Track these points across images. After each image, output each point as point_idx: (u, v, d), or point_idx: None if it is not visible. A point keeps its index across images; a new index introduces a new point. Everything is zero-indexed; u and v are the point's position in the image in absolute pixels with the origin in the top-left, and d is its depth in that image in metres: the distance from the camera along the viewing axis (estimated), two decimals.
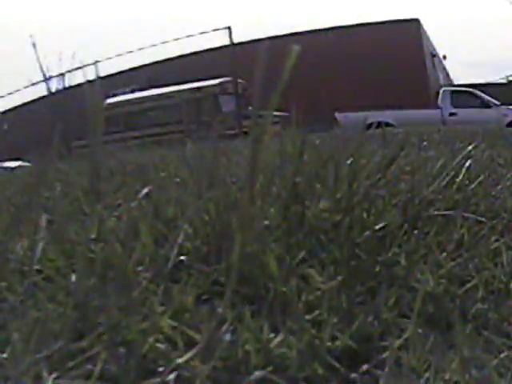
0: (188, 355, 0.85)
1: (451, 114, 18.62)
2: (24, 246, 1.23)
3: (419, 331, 0.98)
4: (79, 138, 12.12)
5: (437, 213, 1.56)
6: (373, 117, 11.06)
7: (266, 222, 1.30)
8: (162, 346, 0.89)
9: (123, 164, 3.05)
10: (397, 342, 0.93)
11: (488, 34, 62.04)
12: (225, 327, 0.89)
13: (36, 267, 1.12)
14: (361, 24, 26.44)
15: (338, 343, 0.93)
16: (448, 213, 1.55)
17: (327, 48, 25.10)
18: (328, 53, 25.03)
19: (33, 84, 21.07)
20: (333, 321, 0.97)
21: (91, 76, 1.36)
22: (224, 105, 17.66)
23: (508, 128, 9.92)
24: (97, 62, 17.17)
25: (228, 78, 17.99)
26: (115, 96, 18.95)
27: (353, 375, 0.89)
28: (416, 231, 1.41)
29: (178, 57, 27.02)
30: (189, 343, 0.89)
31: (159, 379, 0.82)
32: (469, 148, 2.21)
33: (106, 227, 1.27)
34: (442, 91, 20.04)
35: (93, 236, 1.22)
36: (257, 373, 0.85)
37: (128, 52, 20.59)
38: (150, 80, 22.74)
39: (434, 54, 28.22)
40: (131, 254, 1.12)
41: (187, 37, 20.04)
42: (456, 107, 18.88)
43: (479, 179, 1.89)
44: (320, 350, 0.90)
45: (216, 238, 1.23)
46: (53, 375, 0.80)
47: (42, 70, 19.81)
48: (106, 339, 0.87)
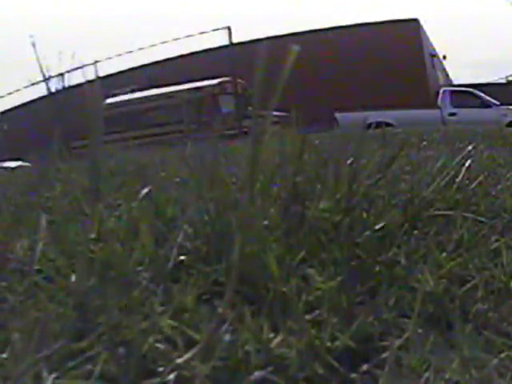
0: (188, 355, 0.85)
1: (451, 114, 18.63)
2: (24, 246, 1.23)
3: (419, 331, 0.98)
4: (79, 138, 12.11)
5: (437, 213, 1.56)
6: (372, 117, 11.08)
7: (266, 222, 1.30)
8: (162, 346, 0.89)
9: (123, 164, 3.05)
10: (397, 342, 0.93)
11: (488, 34, 62.05)
12: (225, 327, 0.89)
13: (36, 267, 1.12)
14: (361, 24, 26.43)
15: (338, 343, 0.93)
16: (448, 213, 1.55)
17: (327, 48, 25.10)
18: (328, 53, 25.03)
19: (33, 84, 21.07)
20: (333, 321, 0.97)
21: (91, 76, 1.36)
22: (224, 105, 17.65)
23: (508, 128, 9.93)
24: (96, 62, 17.17)
25: (228, 78, 17.98)
26: (115, 96, 18.94)
27: (353, 375, 0.89)
28: (416, 231, 1.41)
29: (178, 57, 27.03)
30: (189, 343, 0.89)
31: (159, 379, 0.82)
32: (469, 148, 2.21)
33: (106, 227, 1.27)
34: (442, 91, 20.04)
35: (93, 236, 1.22)
36: (257, 373, 0.85)
37: (128, 52, 20.60)
38: (150, 80, 22.74)
39: (434, 54, 28.21)
40: (131, 254, 1.12)
41: (187, 37, 20.05)
42: (456, 107, 18.89)
43: (479, 179, 1.89)
44: (320, 350, 0.90)
45: (216, 238, 1.23)
46: (53, 375, 0.80)
47: (42, 70, 19.79)
48: (106, 339, 0.87)
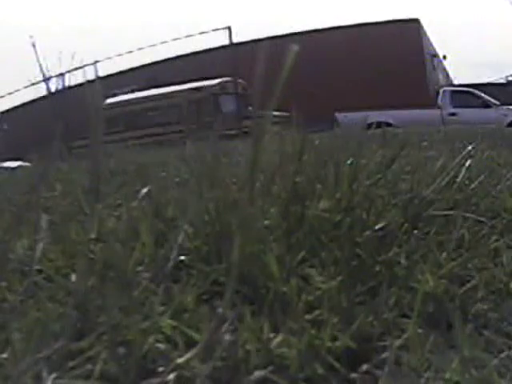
0: (188, 355, 0.85)
1: (451, 114, 18.63)
2: (24, 246, 1.23)
3: (419, 331, 0.98)
4: (79, 138, 12.11)
5: (437, 213, 1.56)
6: (373, 117, 11.07)
7: (266, 222, 1.30)
8: (162, 346, 0.89)
9: (123, 164, 3.05)
10: (397, 342, 0.93)
11: (488, 34, 62.09)
12: (225, 327, 0.89)
13: (36, 267, 1.12)
14: (361, 24, 26.43)
15: (338, 343, 0.93)
16: (448, 213, 1.55)
17: (327, 48, 25.10)
18: (328, 53, 25.03)
19: (33, 84, 21.08)
20: (333, 321, 0.97)
21: (91, 76, 1.36)
22: (224, 105, 17.64)
23: (508, 128, 9.93)
24: (97, 62, 17.17)
25: (228, 78, 17.98)
26: (115, 96, 18.94)
27: (353, 375, 0.89)
28: (416, 231, 1.41)
29: (178, 57, 27.02)
30: (189, 343, 0.89)
31: (159, 379, 0.82)
32: (469, 148, 2.21)
33: (106, 227, 1.27)
34: (442, 91, 20.04)
35: (93, 236, 1.22)
36: (257, 373, 0.85)
37: (128, 52, 20.61)
38: (150, 80, 22.74)
39: (434, 54, 28.21)
40: (131, 254, 1.12)
41: (187, 37, 20.06)
42: (456, 107, 18.89)
43: (479, 179, 1.89)
44: (320, 350, 0.90)
45: (216, 238, 1.23)
46: (53, 375, 0.80)
47: (42, 70, 19.80)
48: (106, 339, 0.87)
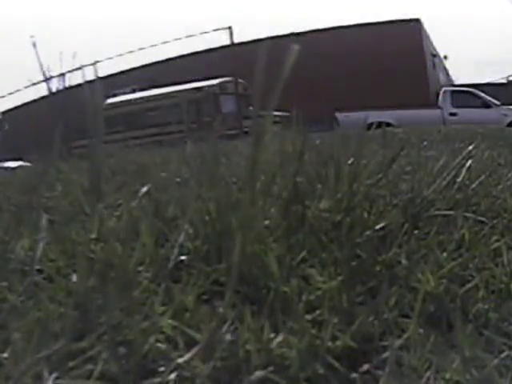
0: (188, 355, 0.85)
1: (452, 114, 18.62)
2: (25, 246, 1.23)
3: (420, 331, 0.98)
4: (80, 138, 12.12)
5: (437, 213, 1.56)
6: (373, 117, 11.05)
7: (267, 222, 1.30)
8: (163, 346, 0.89)
9: (124, 164, 3.05)
10: (397, 342, 0.93)
11: (489, 34, 62.06)
12: (225, 327, 0.89)
13: (37, 267, 1.12)
14: (361, 24, 26.42)
15: (339, 343, 0.93)
16: (449, 213, 1.55)
17: (327, 48, 25.09)
18: (328, 53, 25.02)
19: (33, 84, 21.07)
20: (333, 321, 0.97)
21: (91, 76, 1.36)
22: (224, 105, 17.64)
23: (508, 128, 9.92)
24: (97, 62, 17.16)
25: (228, 78, 17.99)
26: (115, 96, 18.94)
27: (353, 375, 0.89)
28: (417, 231, 1.41)
29: (178, 57, 27.02)
30: (189, 343, 0.89)
31: (160, 379, 0.82)
32: (469, 148, 2.21)
33: (107, 227, 1.27)
34: (443, 91, 20.03)
35: (93, 236, 1.22)
36: (257, 373, 0.85)
37: (128, 52, 20.61)
38: (150, 80, 22.74)
39: (435, 54, 28.20)
40: (132, 254, 1.12)
41: (187, 37, 20.06)
42: (456, 107, 18.88)
43: (480, 179, 1.89)
44: (320, 350, 0.90)
45: (216, 238, 1.23)
46: (53, 375, 0.80)
47: (43, 70, 19.79)
48: (107, 339, 0.87)
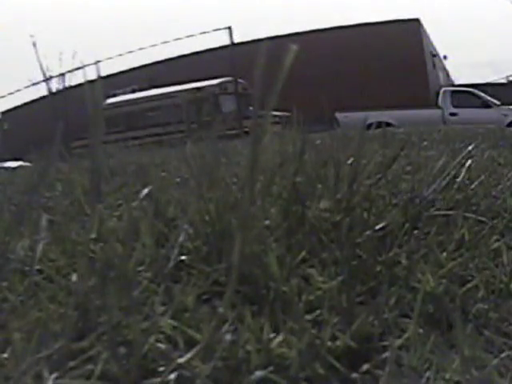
0: (189, 355, 0.85)
1: (452, 114, 18.62)
2: (25, 246, 1.23)
3: (420, 331, 0.98)
4: (80, 138, 12.12)
5: (437, 213, 1.56)
6: (373, 117, 11.04)
7: (267, 222, 1.30)
8: (163, 346, 0.89)
9: (124, 164, 3.05)
10: (397, 342, 0.93)
11: (489, 34, 62.07)
12: (225, 327, 0.89)
13: (37, 267, 1.12)
14: (361, 24, 26.42)
15: (339, 343, 0.93)
16: (449, 213, 1.55)
17: (327, 48, 25.09)
18: (328, 53, 25.02)
19: (33, 84, 21.07)
20: (333, 321, 0.97)
21: (91, 76, 1.36)
22: (224, 105, 17.64)
23: (508, 128, 9.92)
24: (97, 62, 17.16)
25: (228, 78, 17.98)
26: (115, 96, 18.95)
27: (353, 375, 0.89)
28: (417, 231, 1.41)
29: (178, 57, 27.02)
30: (189, 343, 0.89)
31: (160, 379, 0.82)
32: (469, 148, 2.21)
33: (107, 227, 1.27)
34: (443, 91, 20.02)
35: (93, 236, 1.22)
36: (257, 373, 0.85)
37: (128, 52, 20.60)
38: (150, 80, 22.74)
39: (435, 54, 28.20)
40: (132, 254, 1.12)
41: (187, 37, 20.04)
42: (456, 107, 18.88)
43: (480, 179, 1.89)
44: (320, 350, 0.90)
45: (216, 238, 1.23)
46: (53, 375, 0.80)
47: (43, 70, 19.78)
48: (107, 339, 0.87)
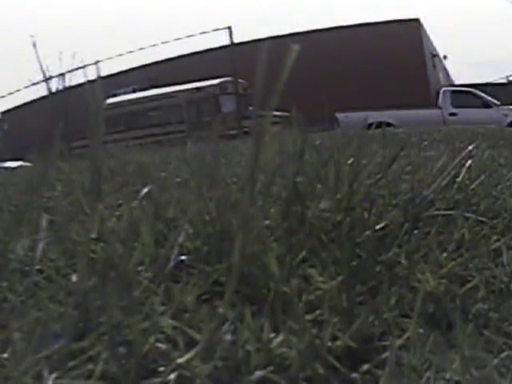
0: (189, 355, 0.85)
1: (452, 114, 18.62)
2: (25, 246, 1.23)
3: (420, 331, 0.98)
4: (80, 138, 12.12)
5: (437, 213, 1.56)
6: (373, 117, 11.06)
7: (267, 222, 1.30)
8: (163, 346, 0.88)
9: (124, 164, 3.05)
10: (397, 342, 0.93)
11: (489, 34, 62.08)
12: (225, 327, 0.89)
13: (37, 267, 1.12)
14: (361, 24, 26.42)
15: (339, 343, 0.93)
16: (449, 213, 1.55)
17: (327, 48, 25.09)
18: (328, 53, 25.02)
19: (33, 84, 21.05)
20: (333, 321, 0.97)
21: (92, 76, 1.36)
22: (224, 105, 17.65)
23: (508, 128, 9.92)
24: (97, 62, 17.16)
25: (228, 78, 17.99)
26: (115, 96, 18.95)
27: (353, 375, 0.89)
28: (417, 231, 1.41)
29: (178, 57, 27.02)
30: (189, 343, 0.89)
31: (160, 379, 0.82)
32: (469, 148, 2.21)
33: (107, 227, 1.27)
34: (443, 91, 20.02)
35: (93, 236, 1.22)
36: (257, 373, 0.85)
37: (128, 52, 20.60)
38: (150, 80, 22.74)
39: (435, 54, 28.20)
40: (132, 254, 1.12)
41: (187, 37, 20.05)
42: (456, 107, 18.88)
43: (480, 179, 1.89)
44: (321, 350, 0.90)
45: (217, 238, 1.23)
46: (54, 375, 0.80)
47: (43, 70, 19.78)
48: (107, 339, 0.87)
